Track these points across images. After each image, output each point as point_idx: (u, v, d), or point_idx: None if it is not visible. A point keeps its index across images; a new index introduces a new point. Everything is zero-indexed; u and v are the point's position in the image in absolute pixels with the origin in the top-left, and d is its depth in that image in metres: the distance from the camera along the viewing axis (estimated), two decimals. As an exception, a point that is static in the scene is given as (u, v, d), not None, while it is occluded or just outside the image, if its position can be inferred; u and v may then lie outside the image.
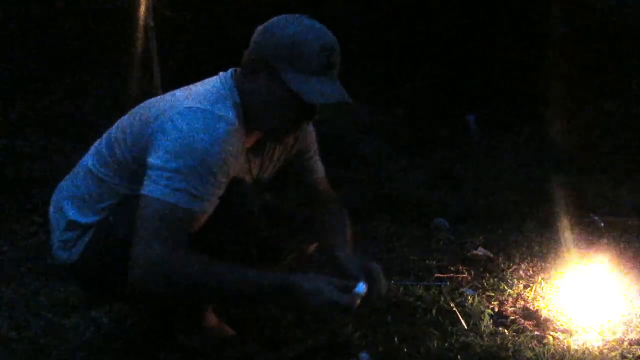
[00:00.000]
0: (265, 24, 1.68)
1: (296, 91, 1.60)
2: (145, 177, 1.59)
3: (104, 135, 1.83)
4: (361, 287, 1.59)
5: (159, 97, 1.80)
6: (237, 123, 1.64)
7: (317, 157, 2.00)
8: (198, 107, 1.61)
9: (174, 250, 1.54)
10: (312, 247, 2.07)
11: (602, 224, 3.39)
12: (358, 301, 1.57)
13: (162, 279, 1.54)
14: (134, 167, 1.70)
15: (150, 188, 1.56)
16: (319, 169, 2.01)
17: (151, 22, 4.13)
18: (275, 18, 1.68)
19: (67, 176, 1.89)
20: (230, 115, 1.63)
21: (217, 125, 1.59)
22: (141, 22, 4.18)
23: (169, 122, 1.60)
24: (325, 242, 1.90)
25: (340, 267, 1.76)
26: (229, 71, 1.74)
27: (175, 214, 1.54)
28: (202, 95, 1.66)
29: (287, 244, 2.03)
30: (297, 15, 1.67)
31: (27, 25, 4.78)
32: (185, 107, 1.62)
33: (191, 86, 1.75)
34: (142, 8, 4.14)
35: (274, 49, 1.61)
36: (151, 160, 1.60)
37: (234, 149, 1.63)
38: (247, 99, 1.68)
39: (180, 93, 1.73)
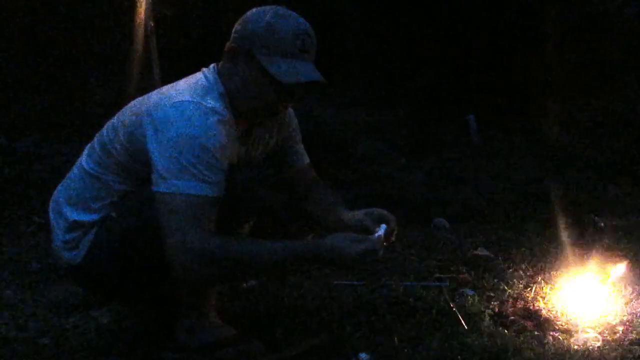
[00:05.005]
0: (244, 15, 1.77)
1: (271, 72, 1.69)
2: (154, 175, 1.65)
3: (96, 136, 1.88)
4: (382, 228, 1.78)
5: (146, 95, 1.85)
6: (226, 113, 1.72)
7: (301, 145, 2.08)
8: (189, 100, 1.68)
9: (208, 236, 1.62)
10: (309, 238, 2.18)
11: (602, 224, 3.39)
12: (383, 240, 1.74)
13: (205, 263, 1.62)
14: (129, 164, 1.76)
15: (163, 184, 1.62)
16: (305, 156, 2.09)
17: (151, 22, 4.13)
18: (253, 9, 1.77)
19: (63, 180, 1.92)
20: (219, 106, 1.71)
21: (209, 116, 1.67)
22: (141, 22, 4.17)
23: (163, 117, 1.66)
24: (322, 211, 2.01)
25: (351, 225, 1.89)
26: (211, 65, 1.82)
27: (194, 202, 1.61)
28: (189, 89, 1.73)
29: (283, 233, 2.12)
30: (274, 5, 1.76)
31: (27, 25, 4.78)
32: (176, 101, 1.68)
33: (176, 82, 1.81)
34: (142, 8, 4.14)
35: (252, 34, 1.71)
36: (153, 156, 1.65)
37: (228, 137, 1.70)
38: (230, 87, 1.76)
39: (167, 89, 1.79)
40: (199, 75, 1.80)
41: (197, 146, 1.62)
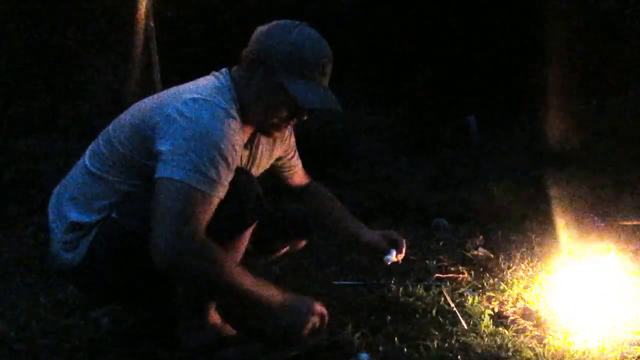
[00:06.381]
0: (267, 27, 1.77)
1: (292, 95, 1.71)
2: (158, 163, 1.63)
3: (100, 135, 1.87)
4: (392, 254, 2.11)
5: (156, 94, 1.86)
6: (236, 116, 1.72)
7: (297, 154, 2.16)
8: (202, 98, 1.68)
9: (196, 232, 1.59)
10: (302, 243, 2.22)
11: (602, 224, 3.39)
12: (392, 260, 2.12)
13: (187, 256, 1.59)
14: (136, 161, 1.74)
15: (167, 170, 1.61)
16: (300, 163, 2.18)
17: (151, 23, 4.13)
18: (277, 22, 1.77)
19: (63, 180, 1.91)
20: (230, 108, 1.71)
21: (222, 115, 1.67)
22: (141, 22, 4.18)
23: (175, 111, 1.66)
24: (335, 226, 2.21)
25: (370, 246, 2.14)
26: (223, 70, 1.82)
27: (194, 195, 1.60)
28: (203, 89, 1.73)
29: (281, 238, 2.15)
30: (298, 22, 1.77)
31: (27, 25, 4.79)
32: (189, 98, 1.68)
33: (187, 83, 1.81)
34: (142, 8, 4.14)
35: (275, 52, 1.71)
36: (162, 147, 1.64)
37: (238, 138, 1.71)
38: (243, 95, 1.76)
39: (179, 88, 1.79)
40: (210, 78, 1.79)
41: (207, 142, 1.62)
